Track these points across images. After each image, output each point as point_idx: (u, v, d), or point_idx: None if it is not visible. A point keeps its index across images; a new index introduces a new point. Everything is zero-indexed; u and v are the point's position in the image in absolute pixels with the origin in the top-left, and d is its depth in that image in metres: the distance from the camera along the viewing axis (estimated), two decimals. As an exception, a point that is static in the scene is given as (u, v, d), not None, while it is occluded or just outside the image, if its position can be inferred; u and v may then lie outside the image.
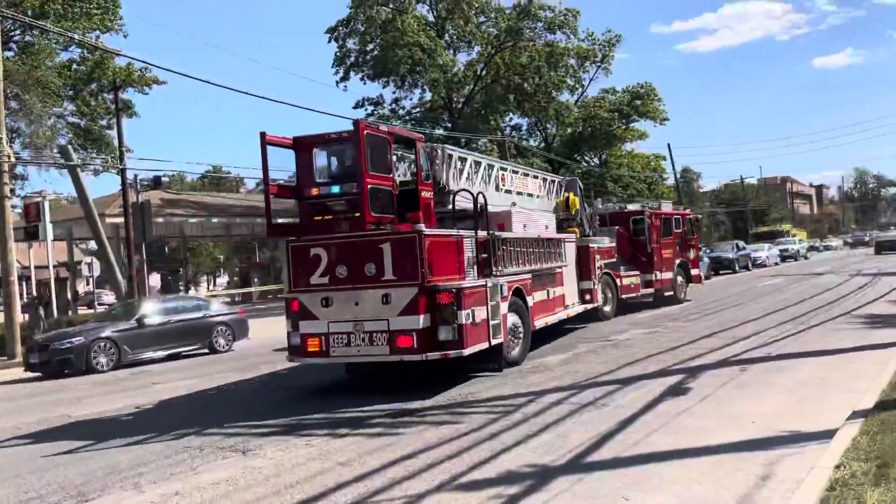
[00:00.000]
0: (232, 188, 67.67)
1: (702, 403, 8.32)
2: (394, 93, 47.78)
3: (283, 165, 11.17)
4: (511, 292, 11.95)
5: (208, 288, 67.72)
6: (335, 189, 10.65)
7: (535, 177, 16.84)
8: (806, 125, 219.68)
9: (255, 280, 44.22)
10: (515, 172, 15.59)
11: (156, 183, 34.08)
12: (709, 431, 7.05)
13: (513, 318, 12.05)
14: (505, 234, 12.53)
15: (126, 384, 14.36)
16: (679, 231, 23.09)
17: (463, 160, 12.87)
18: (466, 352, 10.19)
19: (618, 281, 19.53)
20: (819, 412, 7.48)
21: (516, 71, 46.67)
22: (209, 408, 10.98)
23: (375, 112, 47.48)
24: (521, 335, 12.38)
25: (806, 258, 57.65)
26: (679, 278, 22.80)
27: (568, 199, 17.41)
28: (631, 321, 17.90)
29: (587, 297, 17.06)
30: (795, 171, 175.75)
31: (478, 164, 13.51)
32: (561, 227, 16.79)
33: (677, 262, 22.70)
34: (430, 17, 47.17)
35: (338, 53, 45.44)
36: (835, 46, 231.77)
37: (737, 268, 41.51)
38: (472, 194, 11.97)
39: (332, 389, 11.50)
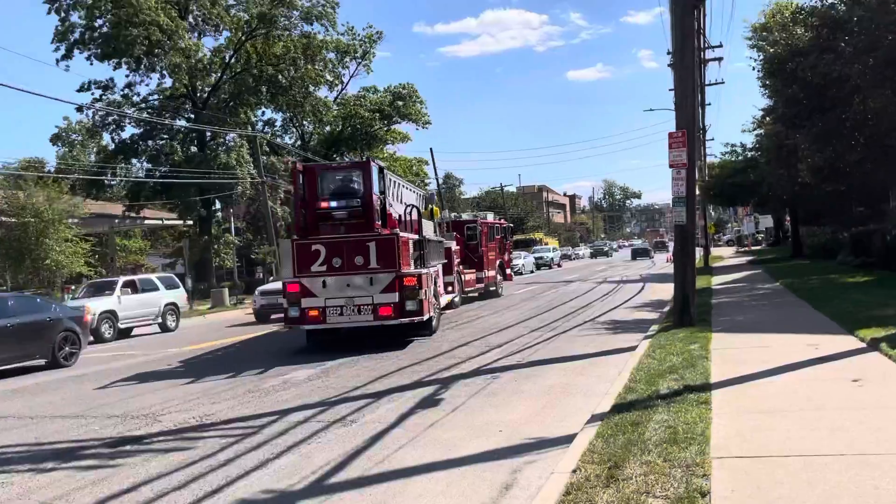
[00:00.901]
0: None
1: (452, 414, 8.65)
2: (127, 76, 44.95)
3: None
4: (434, 280, 17.19)
5: None
6: (340, 203, 15.58)
7: (413, 191, 21.45)
8: (562, 136, 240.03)
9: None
10: (405, 188, 20.15)
11: None
12: (458, 442, 7.34)
13: (433, 299, 16.81)
14: (427, 237, 17.71)
15: None
16: (499, 237, 29.26)
17: (389, 180, 17.24)
18: (424, 318, 15.32)
19: (463, 277, 24.66)
20: (563, 417, 8.07)
21: (270, 61, 45.83)
22: None
23: (104, 97, 44.14)
24: (437, 311, 17.45)
25: (559, 266, 62.97)
26: (499, 276, 28.85)
27: (432, 210, 22.06)
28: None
29: (449, 288, 21.86)
30: (551, 181, 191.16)
31: (394, 182, 18.27)
32: None
33: (498, 262, 28.74)
34: (172, -5, 44.87)
35: (59, 27, 41.64)
36: (587, 61, 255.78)
37: None
38: (415, 207, 17.65)
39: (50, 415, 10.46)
